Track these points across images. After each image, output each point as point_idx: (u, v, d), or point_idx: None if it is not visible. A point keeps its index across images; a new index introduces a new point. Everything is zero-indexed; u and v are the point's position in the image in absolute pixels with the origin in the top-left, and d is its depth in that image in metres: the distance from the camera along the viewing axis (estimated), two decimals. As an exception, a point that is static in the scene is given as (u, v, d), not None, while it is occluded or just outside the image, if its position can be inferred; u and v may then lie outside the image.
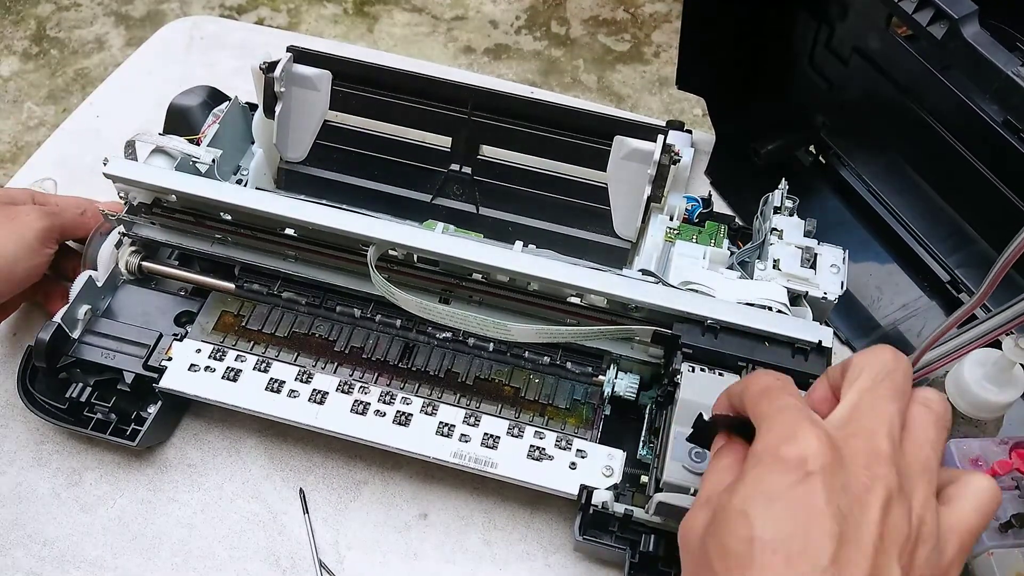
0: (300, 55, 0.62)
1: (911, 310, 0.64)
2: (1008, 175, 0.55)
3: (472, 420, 0.54)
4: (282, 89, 0.61)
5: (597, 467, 0.52)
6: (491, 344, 0.56)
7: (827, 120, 0.69)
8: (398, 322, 0.57)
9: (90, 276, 0.57)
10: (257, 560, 0.54)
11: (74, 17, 1.86)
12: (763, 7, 0.66)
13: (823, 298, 0.54)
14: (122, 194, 0.58)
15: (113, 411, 0.56)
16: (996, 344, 0.48)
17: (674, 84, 0.75)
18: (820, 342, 0.49)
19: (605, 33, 1.83)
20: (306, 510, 0.56)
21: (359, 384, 0.55)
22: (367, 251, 0.54)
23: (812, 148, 0.72)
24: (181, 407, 0.59)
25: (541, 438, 0.53)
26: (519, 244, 0.60)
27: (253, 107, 0.66)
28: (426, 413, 0.54)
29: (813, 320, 0.53)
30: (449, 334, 0.57)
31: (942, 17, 0.49)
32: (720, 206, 0.70)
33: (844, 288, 0.55)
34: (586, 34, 1.83)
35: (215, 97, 0.67)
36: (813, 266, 0.55)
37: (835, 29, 0.63)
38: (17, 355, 0.60)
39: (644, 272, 0.56)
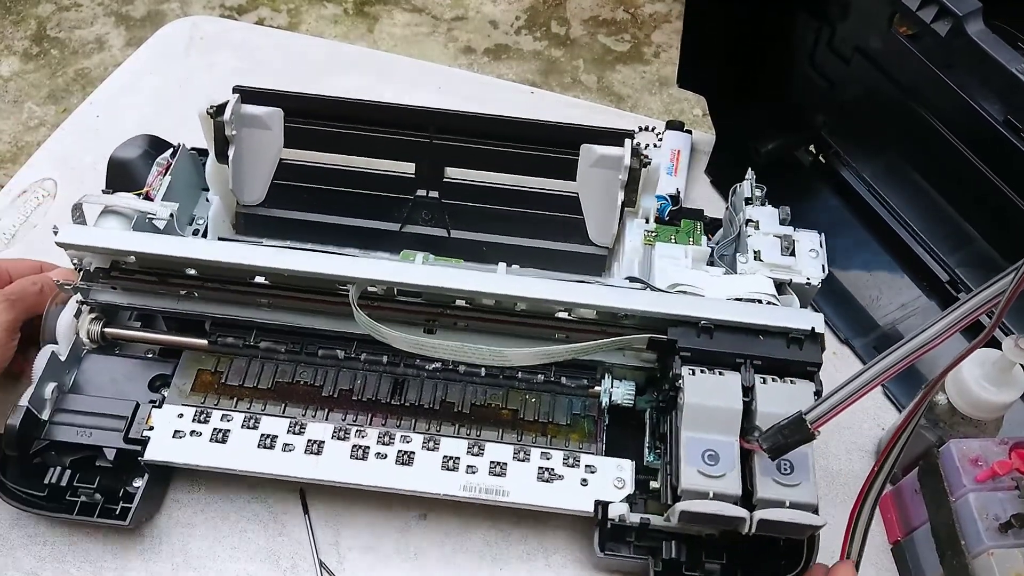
0: (248, 95, 0.59)
1: (910, 309, 0.64)
2: (1008, 174, 0.55)
3: (476, 449, 0.53)
4: (233, 132, 0.59)
5: (608, 480, 0.52)
6: (482, 369, 0.55)
7: (827, 119, 0.69)
8: (384, 358, 0.55)
9: (52, 352, 0.54)
10: (257, 560, 0.54)
11: (74, 17, 1.86)
12: (764, 7, 0.66)
13: (807, 283, 0.54)
14: (75, 260, 0.55)
15: (98, 491, 0.52)
16: (996, 344, 0.48)
17: (674, 84, 0.75)
18: (813, 328, 0.50)
19: (605, 33, 1.83)
20: (306, 510, 0.56)
21: (355, 428, 0.53)
22: (344, 291, 0.52)
23: (812, 148, 0.72)
24: (168, 475, 0.56)
25: (548, 458, 0.53)
26: (503, 266, 0.59)
27: (201, 152, 0.64)
28: (428, 449, 0.53)
29: (801, 306, 0.53)
30: (438, 364, 0.55)
31: (946, 14, 0.49)
32: (719, 205, 0.70)
33: (826, 271, 0.55)
34: (586, 34, 1.83)
35: (156, 146, 0.64)
36: (792, 253, 0.55)
37: (836, 29, 0.63)
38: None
39: (631, 279, 0.56)
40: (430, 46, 1.81)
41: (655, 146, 0.77)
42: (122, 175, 0.62)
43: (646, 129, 0.79)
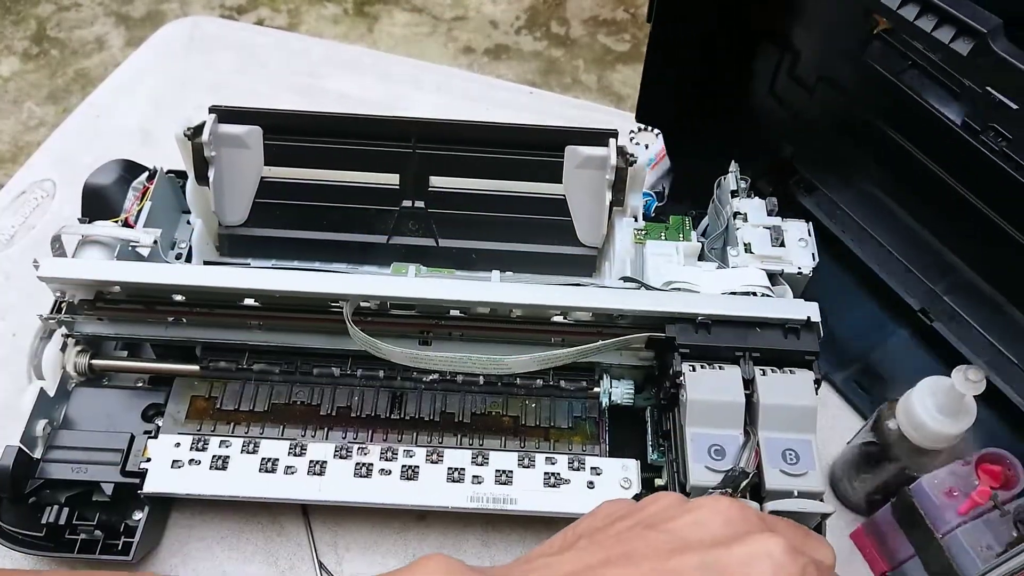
0: (224, 114, 0.58)
1: (889, 342, 0.62)
2: (988, 196, 0.53)
3: (480, 459, 0.52)
4: (212, 153, 0.57)
5: (615, 481, 0.52)
6: (481, 377, 0.55)
7: (796, 149, 0.67)
8: (381, 373, 0.55)
9: (41, 388, 0.53)
10: (256, 561, 0.54)
11: (74, 17, 1.86)
12: (728, 39, 0.64)
13: (799, 273, 0.55)
14: (58, 294, 0.54)
15: (98, 527, 0.51)
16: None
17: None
18: (809, 318, 0.50)
19: (605, 33, 1.83)
20: (305, 511, 0.56)
21: (356, 445, 0.53)
22: (337, 308, 0.52)
23: (772, 179, 0.68)
24: (168, 503, 0.55)
25: (553, 463, 0.52)
26: (496, 274, 0.59)
27: (179, 174, 0.63)
28: (432, 462, 0.52)
29: (793, 295, 0.54)
30: (436, 375, 0.55)
31: (967, 33, 0.47)
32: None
33: (816, 259, 0.56)
34: (586, 34, 1.83)
35: (131, 170, 0.63)
36: (782, 243, 0.56)
37: (800, 56, 0.61)
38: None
39: (625, 279, 0.56)
40: (430, 46, 1.81)
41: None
42: (98, 202, 0.61)
43: (646, 129, 0.79)
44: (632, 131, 0.78)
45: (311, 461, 0.52)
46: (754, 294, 0.53)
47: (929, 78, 0.53)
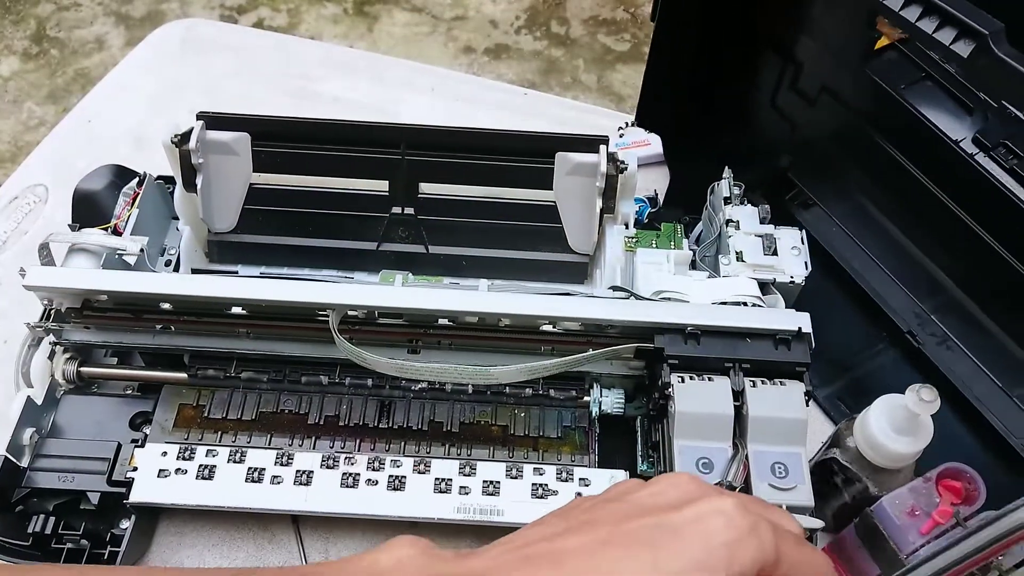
0: (212, 120, 0.57)
1: (876, 360, 0.62)
2: (980, 215, 0.53)
3: (467, 469, 0.52)
4: (200, 160, 0.57)
5: None
6: (470, 386, 0.54)
7: (794, 160, 0.67)
8: (369, 381, 0.55)
9: (28, 396, 0.53)
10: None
11: (74, 17, 1.86)
12: (731, 46, 0.64)
13: (791, 282, 0.54)
14: (45, 301, 0.54)
15: (84, 536, 0.51)
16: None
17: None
18: (800, 329, 0.50)
19: (605, 33, 1.83)
20: (295, 520, 0.56)
21: (343, 455, 0.52)
22: (325, 316, 0.52)
23: (768, 191, 0.67)
24: (156, 512, 0.55)
25: (541, 474, 0.52)
26: (484, 283, 0.58)
27: (167, 180, 0.63)
28: (419, 472, 0.52)
29: (785, 304, 0.53)
30: (425, 384, 0.54)
31: (968, 34, 0.47)
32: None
33: (809, 268, 0.55)
34: (586, 34, 1.83)
35: (122, 175, 0.63)
36: (775, 252, 0.56)
37: (803, 68, 0.61)
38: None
39: (614, 288, 0.55)
40: (430, 46, 1.81)
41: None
42: (89, 208, 0.61)
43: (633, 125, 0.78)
44: (621, 127, 0.77)
45: (298, 471, 0.52)
46: (745, 304, 0.53)
47: (944, 91, 0.53)
